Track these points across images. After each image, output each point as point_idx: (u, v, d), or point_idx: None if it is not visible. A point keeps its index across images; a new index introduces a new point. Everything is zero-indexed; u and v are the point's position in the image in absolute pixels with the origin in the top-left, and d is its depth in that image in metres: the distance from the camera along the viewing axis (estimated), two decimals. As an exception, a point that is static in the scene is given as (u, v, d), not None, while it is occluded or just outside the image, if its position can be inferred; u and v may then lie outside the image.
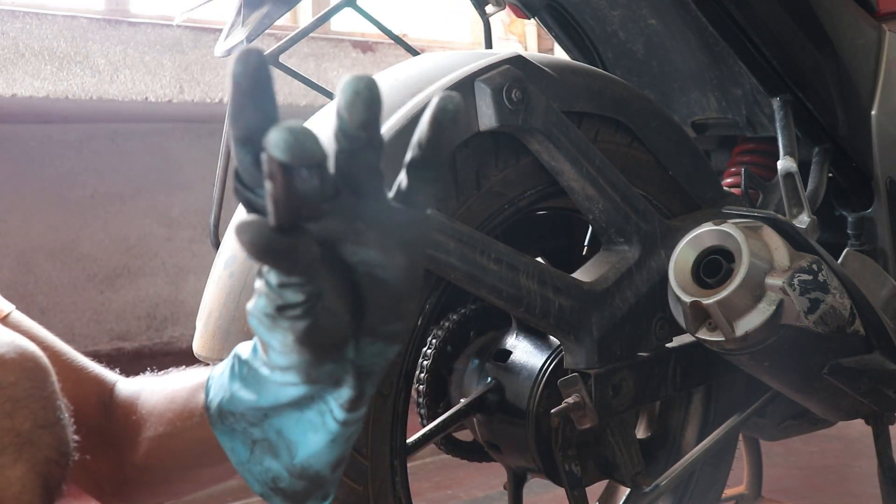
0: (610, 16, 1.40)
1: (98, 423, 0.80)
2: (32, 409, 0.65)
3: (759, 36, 1.23)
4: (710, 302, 1.07)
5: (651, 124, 1.20)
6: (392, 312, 0.59)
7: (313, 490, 0.66)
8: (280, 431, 0.65)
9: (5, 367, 0.64)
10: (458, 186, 1.04)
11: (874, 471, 1.39)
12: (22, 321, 0.81)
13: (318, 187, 0.53)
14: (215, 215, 1.28)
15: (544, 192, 1.13)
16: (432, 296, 1.05)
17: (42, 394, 0.66)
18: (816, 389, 1.20)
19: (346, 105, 0.54)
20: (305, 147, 0.52)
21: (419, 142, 0.57)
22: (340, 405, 0.62)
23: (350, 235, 0.56)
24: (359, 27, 3.03)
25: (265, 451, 0.66)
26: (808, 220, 1.21)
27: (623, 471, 1.20)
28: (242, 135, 0.55)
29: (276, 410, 0.64)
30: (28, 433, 0.64)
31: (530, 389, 1.19)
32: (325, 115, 1.06)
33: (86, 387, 0.81)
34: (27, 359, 0.66)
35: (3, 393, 0.64)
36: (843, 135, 1.31)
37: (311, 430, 0.64)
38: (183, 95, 2.47)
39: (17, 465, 0.63)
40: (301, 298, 0.55)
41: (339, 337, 0.58)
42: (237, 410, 0.66)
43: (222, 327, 0.94)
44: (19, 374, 0.65)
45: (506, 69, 1.04)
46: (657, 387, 1.20)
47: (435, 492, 2.08)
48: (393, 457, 1.03)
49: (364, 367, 0.61)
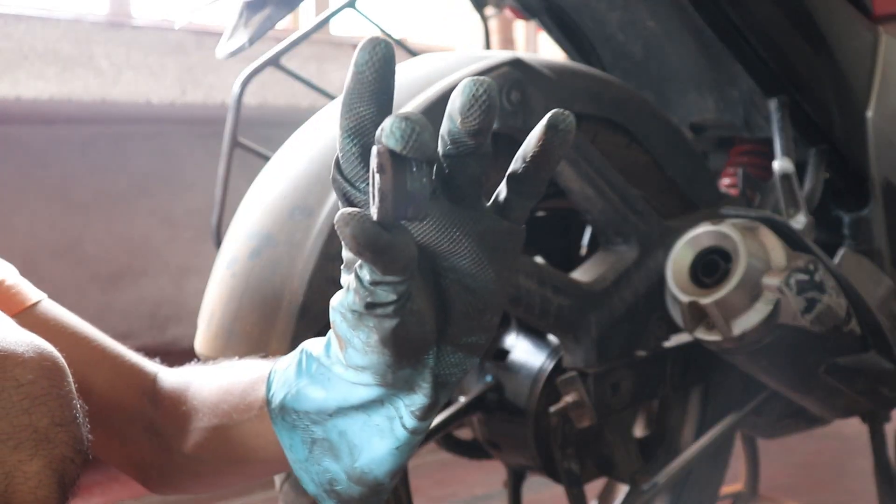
0: (608, 18, 1.41)
1: (140, 412, 0.79)
2: (50, 407, 0.66)
3: (757, 38, 1.24)
4: (707, 301, 1.08)
5: (649, 125, 1.21)
6: (476, 324, 0.58)
7: (369, 497, 0.65)
8: (343, 433, 0.64)
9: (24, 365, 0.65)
10: None
11: (870, 468, 1.40)
12: (51, 309, 0.81)
13: (426, 186, 0.51)
14: (217, 215, 1.29)
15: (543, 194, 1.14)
16: None
17: (59, 392, 0.66)
18: (813, 388, 1.21)
19: (462, 109, 0.52)
20: (422, 139, 0.50)
21: (524, 156, 0.56)
22: (412, 412, 0.61)
23: (445, 242, 0.55)
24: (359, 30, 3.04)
25: (325, 451, 0.65)
26: (805, 221, 1.22)
27: (621, 469, 1.21)
28: (354, 125, 0.53)
29: (342, 411, 0.63)
30: (45, 430, 0.65)
31: (529, 388, 1.19)
32: (325, 116, 1.07)
33: (123, 375, 0.81)
34: (45, 358, 0.67)
35: (22, 390, 0.65)
36: (840, 136, 1.32)
37: (378, 435, 0.63)
38: (185, 97, 2.48)
39: (34, 461, 0.64)
40: (392, 298, 0.54)
41: (422, 342, 0.58)
42: (301, 408, 0.65)
43: (224, 327, 0.94)
44: (38, 372, 0.66)
45: (505, 71, 1.05)
46: (655, 386, 1.21)
47: (435, 489, 2.08)
48: None
49: (441, 376, 0.60)
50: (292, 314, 0.91)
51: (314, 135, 1.04)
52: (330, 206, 0.94)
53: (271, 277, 0.93)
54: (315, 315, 0.92)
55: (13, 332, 0.67)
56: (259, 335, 0.92)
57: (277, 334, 0.91)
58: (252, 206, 1.00)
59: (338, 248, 0.94)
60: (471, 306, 0.58)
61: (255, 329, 0.92)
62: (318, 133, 1.04)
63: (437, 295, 0.57)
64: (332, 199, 0.94)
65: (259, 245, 0.95)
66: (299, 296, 0.92)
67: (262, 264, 0.94)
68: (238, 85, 1.25)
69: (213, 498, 2.04)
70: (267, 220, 0.97)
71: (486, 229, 0.56)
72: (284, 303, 0.92)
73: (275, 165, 1.04)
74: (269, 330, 0.92)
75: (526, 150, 0.56)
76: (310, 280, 0.92)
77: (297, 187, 0.97)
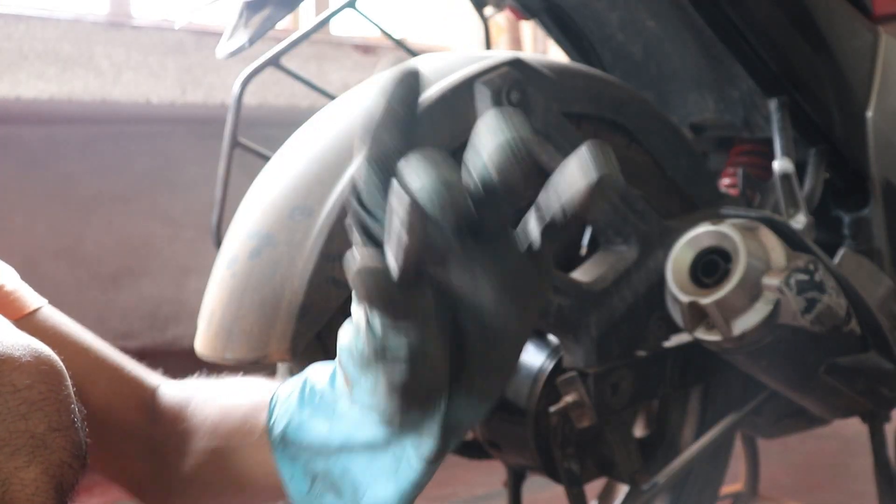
0: (608, 18, 1.41)
1: (138, 426, 0.78)
2: (47, 412, 0.65)
3: (757, 38, 1.24)
4: (707, 302, 1.08)
5: (649, 125, 1.21)
6: (493, 367, 0.55)
7: None
8: (347, 470, 0.61)
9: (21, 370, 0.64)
10: None
11: (870, 468, 1.40)
12: (51, 317, 0.80)
13: (452, 241, 0.48)
14: (217, 215, 1.29)
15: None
16: None
17: (57, 397, 0.65)
18: (813, 388, 1.21)
19: (499, 165, 0.49)
20: (456, 201, 0.47)
21: (562, 207, 0.50)
22: (420, 455, 0.58)
23: (467, 282, 0.52)
24: (360, 30, 3.04)
25: (327, 487, 0.62)
26: (805, 221, 1.22)
27: (621, 469, 1.21)
28: (378, 155, 0.51)
29: (346, 448, 0.60)
30: (42, 436, 0.64)
31: (529, 388, 1.19)
32: (325, 116, 1.07)
33: (122, 387, 0.79)
34: (42, 362, 0.66)
35: (19, 395, 0.64)
36: (840, 136, 1.32)
37: (383, 476, 0.60)
38: (185, 97, 2.48)
39: (31, 467, 0.63)
40: (404, 347, 0.52)
41: (433, 389, 0.55)
42: (304, 441, 0.63)
43: (224, 327, 0.94)
44: (35, 377, 0.65)
45: (505, 71, 1.05)
46: (655, 386, 1.21)
47: (435, 489, 2.07)
48: None
49: (452, 422, 0.57)
50: (292, 314, 0.91)
51: (314, 135, 1.04)
52: (330, 206, 0.94)
53: (271, 277, 0.93)
54: (315, 315, 0.92)
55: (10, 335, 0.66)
56: (259, 335, 0.92)
57: (277, 334, 0.91)
58: (252, 206, 1.00)
59: (338, 249, 0.94)
60: (489, 349, 0.54)
61: (254, 329, 0.92)
62: (318, 133, 1.04)
63: (453, 337, 0.53)
64: (332, 199, 0.94)
65: (259, 245, 0.95)
66: (299, 296, 0.91)
67: (262, 264, 0.94)
68: (238, 85, 1.25)
69: (213, 498, 2.04)
70: (267, 220, 0.97)
71: (512, 268, 0.52)
72: (284, 303, 0.92)
73: (275, 165, 1.04)
74: (269, 330, 0.91)
75: (563, 201, 0.50)
76: (310, 280, 0.92)
77: (297, 187, 0.97)
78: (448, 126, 1.02)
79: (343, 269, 0.95)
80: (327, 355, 0.98)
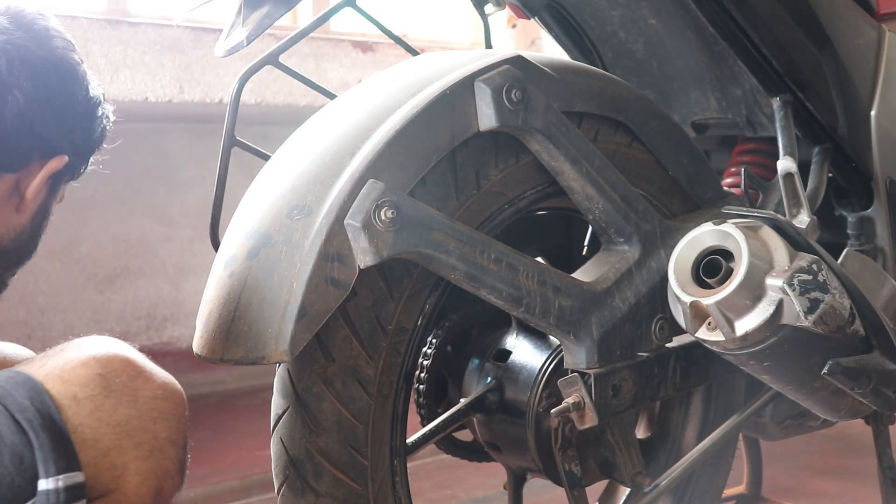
0: (610, 16, 1.40)
1: None
2: (169, 424, 0.79)
3: (759, 36, 1.23)
4: (710, 302, 1.07)
5: (651, 124, 1.20)
6: None
7: None
8: None
9: (158, 384, 0.80)
10: (457, 186, 1.04)
11: (874, 471, 1.40)
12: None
13: None
14: (215, 215, 1.28)
15: (544, 193, 1.13)
16: (432, 295, 1.05)
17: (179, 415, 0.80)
18: (816, 389, 1.20)
19: None
20: None
21: None
22: None
23: None
24: (359, 27, 3.03)
25: None
26: (808, 220, 1.21)
27: (623, 471, 1.20)
28: None
29: None
30: (162, 442, 0.77)
31: (530, 389, 1.19)
32: (324, 114, 1.06)
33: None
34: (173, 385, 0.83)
35: (155, 403, 0.78)
36: (843, 135, 1.31)
37: None
38: (183, 95, 2.47)
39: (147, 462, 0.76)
40: None
41: None
42: None
43: (222, 328, 0.94)
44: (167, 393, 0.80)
45: (506, 69, 1.04)
46: (657, 387, 1.20)
47: (435, 491, 2.08)
48: (393, 457, 1.03)
49: None
50: (291, 314, 0.90)
51: (313, 134, 1.03)
52: (329, 206, 0.93)
53: (269, 277, 0.92)
54: (313, 315, 0.91)
55: (151, 364, 0.83)
56: (257, 336, 0.91)
57: (275, 335, 0.91)
58: (250, 206, 1.00)
59: (337, 249, 0.94)
60: None
61: (253, 329, 0.92)
62: (317, 132, 1.03)
63: None
64: (331, 199, 0.94)
65: (257, 244, 0.95)
66: (298, 296, 0.91)
67: (260, 264, 0.93)
68: (236, 83, 1.24)
69: (212, 497, 2.04)
70: (265, 219, 0.96)
71: None
72: (283, 303, 0.91)
73: (273, 164, 1.03)
74: (268, 330, 0.91)
75: None
76: (308, 280, 0.91)
77: (295, 186, 0.96)
78: (448, 124, 1.01)
79: (341, 269, 0.95)
80: (358, 344, 0.98)
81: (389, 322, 1.00)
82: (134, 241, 2.77)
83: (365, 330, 0.98)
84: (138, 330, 2.77)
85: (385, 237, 0.93)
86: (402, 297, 1.01)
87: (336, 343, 0.97)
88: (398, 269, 1.00)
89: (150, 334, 2.77)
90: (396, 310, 1.00)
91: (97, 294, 2.70)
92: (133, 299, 2.77)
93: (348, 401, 0.98)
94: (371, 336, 0.99)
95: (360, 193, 0.93)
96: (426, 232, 0.96)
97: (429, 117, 0.99)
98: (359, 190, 0.93)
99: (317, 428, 0.98)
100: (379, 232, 0.93)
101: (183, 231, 2.84)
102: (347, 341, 0.97)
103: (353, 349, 0.98)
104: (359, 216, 0.92)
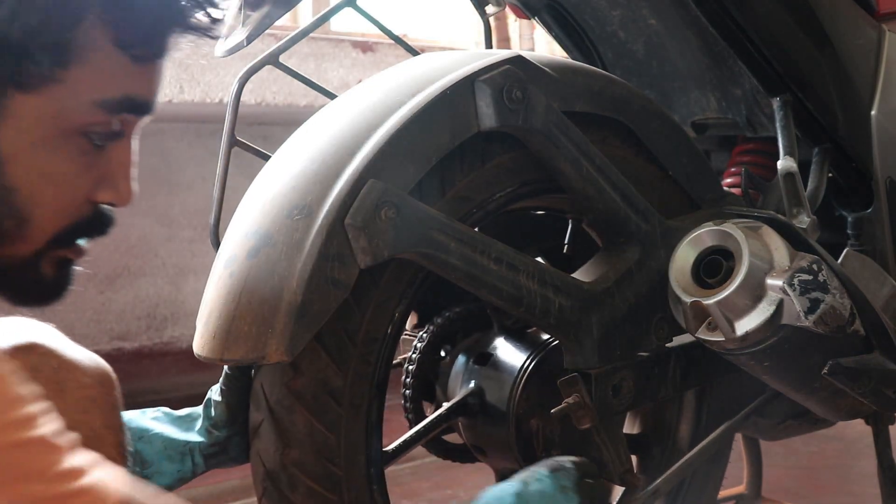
0: (610, 16, 1.40)
1: None
2: (102, 410, 0.76)
3: (759, 36, 1.23)
4: (710, 302, 1.07)
5: (651, 124, 1.20)
6: None
7: None
8: None
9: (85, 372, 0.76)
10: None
11: (874, 471, 1.40)
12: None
13: None
14: (215, 215, 1.28)
15: (514, 195, 1.12)
16: (402, 304, 1.02)
17: (109, 399, 0.77)
18: (816, 389, 1.20)
19: None
20: None
21: None
22: None
23: None
24: (359, 27, 3.03)
25: None
26: (808, 220, 1.21)
27: (611, 469, 1.20)
28: None
29: None
30: (98, 430, 0.75)
31: (510, 391, 1.18)
32: (324, 115, 1.06)
33: None
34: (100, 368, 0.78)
35: (83, 392, 0.75)
36: (843, 135, 1.31)
37: None
38: (183, 95, 2.47)
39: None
40: None
41: None
42: None
43: (222, 328, 0.94)
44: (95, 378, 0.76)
45: (506, 69, 1.04)
46: (657, 387, 1.20)
47: (434, 492, 2.08)
48: (369, 466, 1.02)
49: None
50: (291, 314, 0.91)
51: (313, 134, 1.03)
52: (329, 206, 0.93)
53: (269, 277, 0.92)
54: (314, 315, 0.91)
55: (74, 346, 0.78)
56: (257, 336, 0.91)
57: (276, 335, 0.91)
58: (251, 206, 1.00)
59: (337, 248, 0.94)
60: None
61: (253, 330, 0.92)
62: (317, 132, 1.03)
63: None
64: (331, 198, 0.94)
65: (257, 244, 0.95)
66: (298, 296, 0.91)
67: (260, 264, 0.93)
68: (236, 83, 1.24)
69: (212, 497, 2.04)
70: (265, 219, 0.96)
71: None
72: (283, 303, 0.91)
73: (273, 164, 1.03)
74: (268, 330, 0.91)
75: None
76: (308, 280, 0.91)
77: (295, 186, 0.96)
78: (449, 124, 1.01)
79: (341, 269, 0.95)
80: (326, 356, 0.97)
81: (357, 332, 0.98)
82: (134, 241, 2.77)
83: (332, 341, 0.97)
84: (138, 330, 2.77)
85: (385, 237, 0.93)
86: (369, 307, 0.99)
87: (304, 355, 0.95)
88: (363, 281, 0.97)
89: (150, 334, 2.77)
90: (363, 320, 0.99)
91: (97, 294, 2.70)
92: (133, 299, 2.77)
93: (319, 413, 0.97)
94: (339, 347, 0.97)
95: (361, 193, 0.93)
96: (426, 232, 0.96)
97: (429, 117, 0.99)
98: (359, 190, 0.93)
99: (290, 440, 0.97)
100: (379, 232, 0.93)
101: (183, 231, 2.84)
102: (315, 353, 0.96)
103: (321, 361, 0.97)
104: (359, 216, 0.92)
